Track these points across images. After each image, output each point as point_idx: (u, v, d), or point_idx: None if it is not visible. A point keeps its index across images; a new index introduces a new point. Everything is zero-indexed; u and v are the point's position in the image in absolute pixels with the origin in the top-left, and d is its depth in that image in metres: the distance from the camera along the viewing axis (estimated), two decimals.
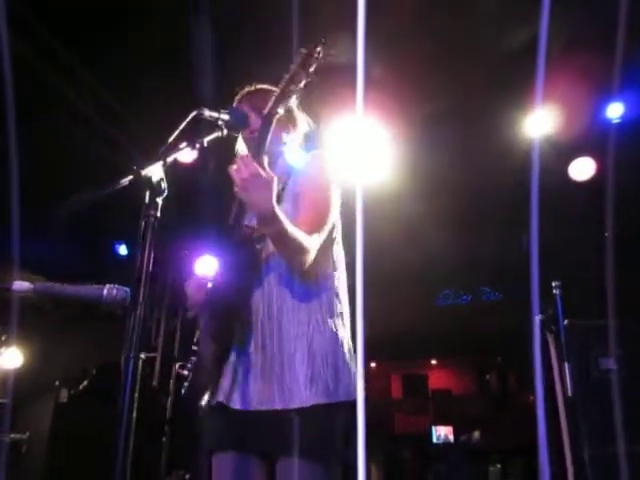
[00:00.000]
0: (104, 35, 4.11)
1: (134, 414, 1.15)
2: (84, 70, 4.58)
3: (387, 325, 10.01)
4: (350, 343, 1.80)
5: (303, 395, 1.63)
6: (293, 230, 1.60)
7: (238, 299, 1.74)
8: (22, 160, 3.50)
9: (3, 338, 5.92)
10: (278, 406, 1.64)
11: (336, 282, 1.85)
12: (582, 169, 5.17)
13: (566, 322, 2.44)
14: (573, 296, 2.62)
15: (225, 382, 1.74)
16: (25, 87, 3.64)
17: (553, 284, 2.50)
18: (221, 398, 1.72)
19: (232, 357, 1.77)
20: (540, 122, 4.74)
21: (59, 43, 4.22)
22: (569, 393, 2.34)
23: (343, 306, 1.84)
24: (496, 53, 4.16)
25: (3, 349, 6.34)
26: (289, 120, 1.96)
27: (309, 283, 1.79)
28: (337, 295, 1.83)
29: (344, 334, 1.79)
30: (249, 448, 1.69)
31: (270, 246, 1.76)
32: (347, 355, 1.75)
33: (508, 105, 4.66)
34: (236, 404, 1.70)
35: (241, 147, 2.01)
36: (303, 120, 2.03)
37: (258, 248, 1.77)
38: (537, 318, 2.57)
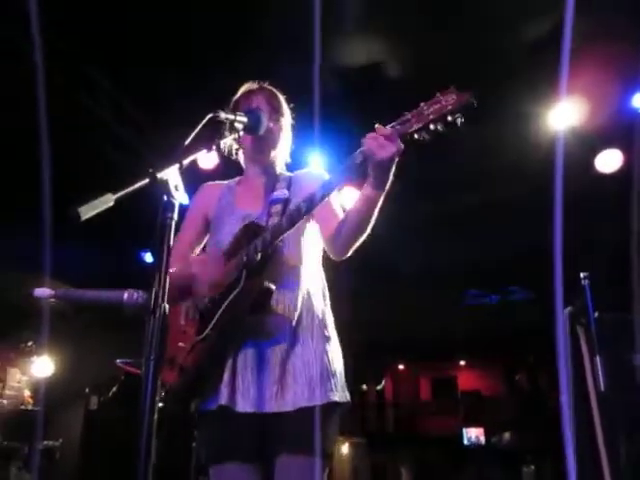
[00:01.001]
0: (122, 42, 4.16)
1: (155, 416, 1.15)
2: (102, 76, 4.64)
3: (414, 327, 9.95)
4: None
5: (311, 396, 1.67)
6: None
7: (253, 297, 1.70)
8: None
9: (30, 344, 6.02)
10: (286, 408, 1.66)
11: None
12: (609, 161, 5.05)
13: (596, 314, 2.37)
14: (599, 290, 2.55)
15: (225, 384, 1.71)
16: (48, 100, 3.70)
17: (582, 275, 2.44)
18: (223, 401, 1.68)
19: (234, 358, 1.74)
20: (564, 114, 4.64)
21: (76, 51, 4.29)
22: (602, 388, 2.27)
23: None
24: (518, 44, 4.10)
25: (35, 358, 6.46)
26: (285, 131, 2.03)
27: (321, 288, 1.91)
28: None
29: (337, 340, 1.88)
30: (252, 454, 1.69)
31: (289, 247, 1.80)
32: (342, 361, 1.84)
33: (531, 98, 4.58)
34: (240, 407, 1.68)
35: (244, 148, 2.03)
36: (290, 139, 2.09)
37: (279, 245, 1.77)
38: (566, 311, 2.50)
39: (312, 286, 1.87)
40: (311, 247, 1.92)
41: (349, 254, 1.82)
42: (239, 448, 1.69)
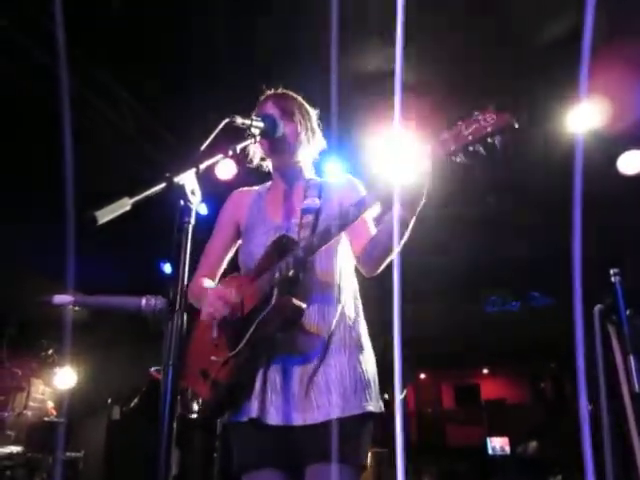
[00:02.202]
0: (142, 55, 4.22)
1: (174, 423, 1.13)
2: (124, 91, 4.71)
3: (435, 334, 9.85)
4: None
5: (346, 406, 1.65)
6: None
7: (285, 316, 1.67)
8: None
9: (50, 352, 6.09)
10: (320, 419, 1.64)
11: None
12: (632, 162, 4.97)
13: (629, 311, 2.28)
14: (625, 293, 2.48)
15: (256, 397, 1.70)
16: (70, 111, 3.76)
17: (611, 271, 2.36)
18: (254, 414, 1.67)
19: (265, 373, 1.73)
20: (586, 115, 4.58)
21: (97, 65, 4.36)
22: (636, 388, 2.19)
23: None
24: (537, 46, 4.05)
25: (58, 369, 6.53)
26: (312, 132, 2.00)
27: (353, 297, 1.89)
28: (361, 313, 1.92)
29: (371, 349, 1.86)
30: (284, 463, 1.69)
31: (321, 262, 1.79)
32: (375, 370, 1.82)
33: (551, 99, 4.53)
34: (271, 420, 1.67)
35: (257, 151, 2.02)
36: (320, 140, 2.05)
37: (311, 260, 1.75)
38: (596, 309, 2.42)
39: (345, 298, 1.84)
40: (344, 259, 1.89)
41: (379, 271, 1.79)
42: (271, 457, 1.69)
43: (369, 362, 1.80)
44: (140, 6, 3.76)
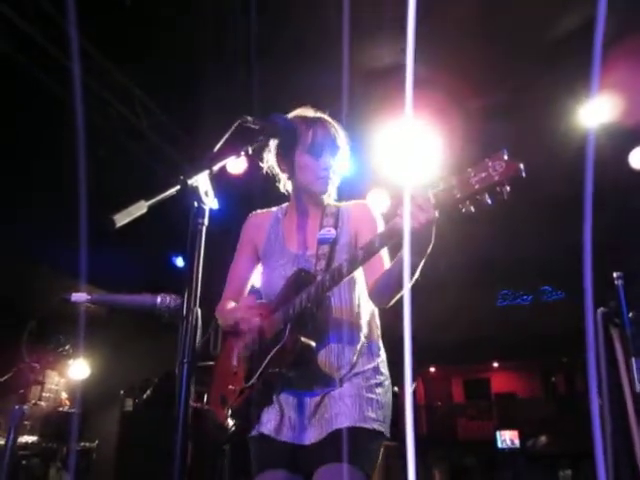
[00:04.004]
0: (156, 52, 4.24)
1: (189, 419, 1.17)
2: (138, 89, 4.74)
3: (445, 329, 9.86)
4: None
5: (357, 418, 1.68)
6: None
7: (295, 354, 1.66)
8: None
9: (67, 347, 6.16)
10: (332, 428, 1.67)
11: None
12: None
13: (631, 314, 2.29)
14: (635, 290, 2.48)
15: (270, 419, 1.75)
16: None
17: (615, 275, 2.37)
18: (267, 431, 1.73)
19: (279, 403, 1.76)
20: (597, 110, 4.55)
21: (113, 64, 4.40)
22: (637, 389, 2.21)
23: None
24: (549, 41, 4.03)
25: (71, 361, 6.60)
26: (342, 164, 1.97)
27: (374, 328, 1.88)
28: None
29: (388, 376, 1.85)
30: (296, 468, 1.72)
31: (339, 296, 1.79)
32: (391, 398, 1.81)
33: (563, 95, 4.50)
34: (287, 438, 1.71)
35: (269, 155, 2.00)
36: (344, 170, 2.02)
37: (328, 296, 1.73)
38: (599, 311, 2.43)
39: (365, 331, 1.83)
40: (362, 288, 1.87)
41: (390, 305, 1.77)
42: (282, 461, 1.72)
43: (385, 388, 1.80)
44: (153, 4, 3.79)
